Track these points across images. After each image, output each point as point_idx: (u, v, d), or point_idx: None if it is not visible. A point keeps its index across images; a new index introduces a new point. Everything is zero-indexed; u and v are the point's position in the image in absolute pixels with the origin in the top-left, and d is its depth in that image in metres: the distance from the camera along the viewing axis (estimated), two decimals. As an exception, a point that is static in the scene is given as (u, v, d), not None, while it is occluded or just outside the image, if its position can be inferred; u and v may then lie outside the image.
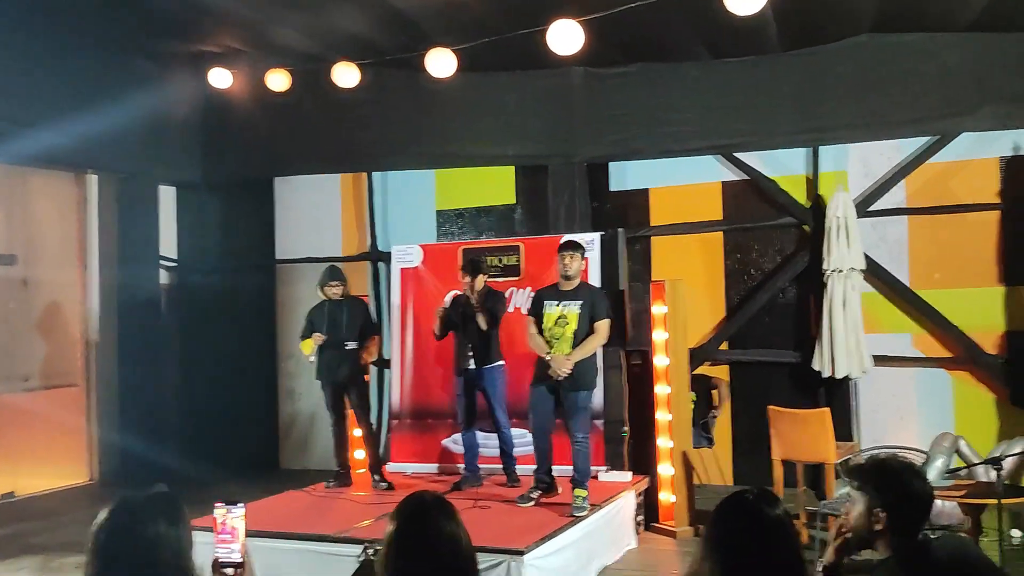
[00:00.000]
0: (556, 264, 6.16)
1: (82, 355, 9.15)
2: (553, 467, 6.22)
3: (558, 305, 6.04)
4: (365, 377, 7.25)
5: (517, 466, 6.74)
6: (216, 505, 2.39)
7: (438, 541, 2.12)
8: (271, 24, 7.91)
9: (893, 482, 2.53)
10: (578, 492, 5.83)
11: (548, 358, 5.90)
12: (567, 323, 5.97)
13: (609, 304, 6.08)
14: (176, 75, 9.30)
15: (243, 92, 8.60)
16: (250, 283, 9.79)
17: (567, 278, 6.07)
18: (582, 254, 6.14)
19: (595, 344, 5.95)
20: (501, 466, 6.76)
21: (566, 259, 6.05)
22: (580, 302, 5.99)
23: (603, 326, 5.94)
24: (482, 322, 6.50)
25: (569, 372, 5.82)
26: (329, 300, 6.98)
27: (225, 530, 2.36)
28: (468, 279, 6.58)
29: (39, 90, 7.89)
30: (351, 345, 6.93)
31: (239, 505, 2.38)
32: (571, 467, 5.97)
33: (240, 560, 2.34)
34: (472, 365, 6.63)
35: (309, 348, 6.93)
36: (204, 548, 2.36)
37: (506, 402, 6.68)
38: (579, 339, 5.91)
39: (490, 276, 7.00)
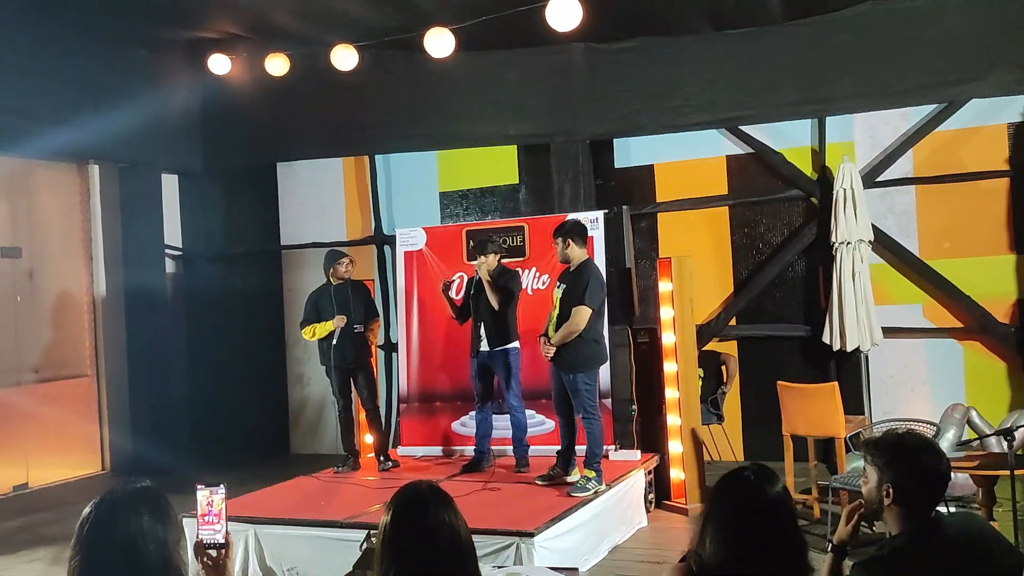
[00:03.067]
0: None
1: (90, 345, 9.18)
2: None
3: (558, 287, 6.07)
4: (371, 360, 7.24)
5: (530, 448, 6.69)
6: (198, 487, 2.40)
7: (435, 531, 2.11)
8: (269, 9, 7.85)
9: (903, 458, 2.52)
10: (584, 472, 5.82)
11: (542, 340, 6.00)
12: (555, 307, 5.99)
13: (593, 289, 5.84)
14: (175, 63, 9.26)
15: (242, 78, 8.55)
16: (256, 269, 9.78)
17: (564, 262, 6.09)
18: (572, 237, 5.97)
19: (567, 331, 5.81)
20: (511, 449, 6.73)
21: (556, 246, 6.09)
22: (564, 286, 5.96)
23: (576, 312, 5.80)
24: (492, 300, 6.44)
25: (550, 355, 5.88)
26: (333, 285, 6.95)
27: (206, 511, 2.35)
28: (480, 258, 6.55)
29: (40, 83, 7.86)
30: (359, 328, 6.92)
31: (220, 486, 2.38)
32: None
33: (223, 541, 2.34)
34: (485, 347, 6.58)
35: (325, 330, 6.88)
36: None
37: (520, 385, 6.63)
38: (561, 323, 5.88)
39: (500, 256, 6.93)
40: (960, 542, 2.47)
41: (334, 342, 6.86)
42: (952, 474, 5.52)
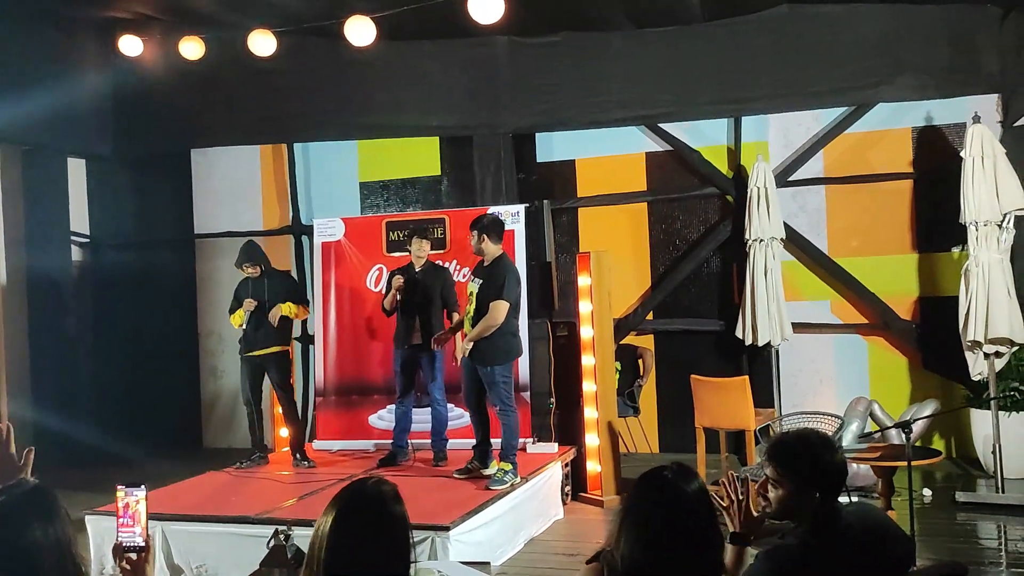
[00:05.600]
0: None
1: (-10, 334, 8.77)
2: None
3: (473, 281, 6.06)
4: (288, 352, 7.10)
5: (449, 443, 6.68)
6: (117, 488, 2.30)
7: (393, 527, 2.08)
8: (183, -11, 7.61)
9: (821, 465, 2.58)
10: (499, 465, 5.83)
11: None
12: (471, 302, 5.97)
13: (511, 284, 5.85)
14: (85, 43, 8.90)
15: (156, 61, 8.28)
16: (168, 259, 9.49)
17: (479, 255, 6.07)
18: (489, 233, 5.95)
19: (484, 325, 5.80)
20: (429, 442, 6.70)
21: (471, 239, 6.04)
22: (480, 281, 5.96)
23: (494, 307, 5.79)
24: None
25: (467, 352, 5.85)
26: (250, 278, 6.82)
27: (127, 514, 2.27)
28: (418, 243, 6.56)
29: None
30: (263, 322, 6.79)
31: (140, 487, 2.29)
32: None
33: (143, 544, 2.26)
34: (419, 341, 6.53)
35: (239, 320, 6.79)
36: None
37: (444, 379, 6.61)
38: (478, 318, 5.87)
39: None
40: (858, 531, 2.55)
41: (244, 328, 6.73)
42: (855, 465, 5.75)
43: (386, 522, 2.08)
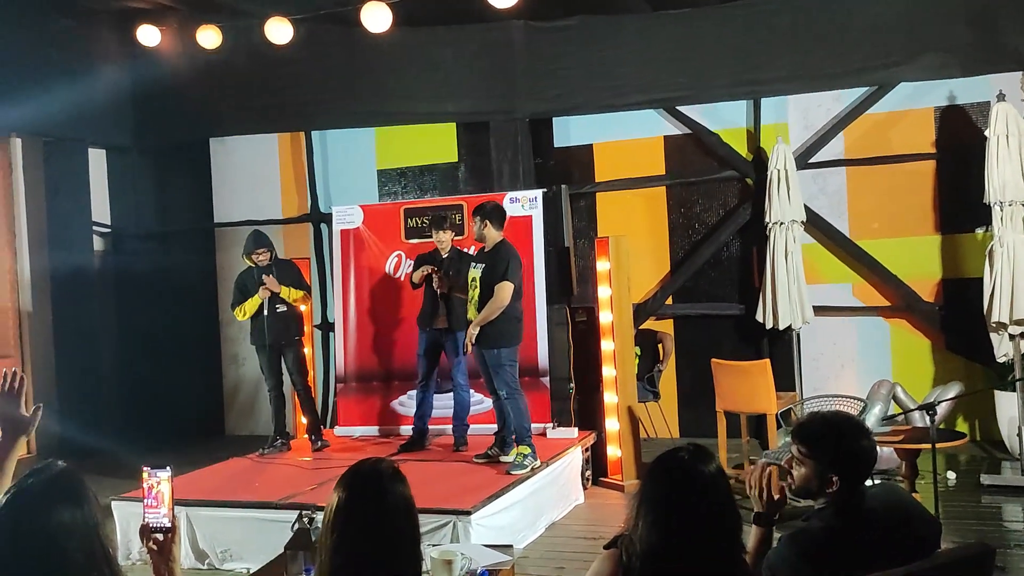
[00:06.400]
0: None
1: (15, 326, 8.85)
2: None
3: (474, 267, 6.06)
4: (302, 339, 7.14)
5: (470, 428, 6.71)
6: (143, 470, 2.35)
7: (393, 507, 2.09)
8: (199, -22, 7.63)
9: (844, 448, 2.55)
10: (518, 449, 5.83)
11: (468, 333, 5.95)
12: (476, 287, 5.96)
13: (514, 267, 5.86)
14: (103, 34, 8.95)
15: (174, 51, 8.32)
16: (188, 247, 9.56)
17: (480, 241, 6.09)
18: (491, 219, 5.96)
19: (492, 308, 5.79)
20: (451, 427, 6.72)
21: (473, 224, 6.09)
22: (483, 265, 5.95)
23: (499, 289, 5.79)
24: (440, 284, 6.47)
25: (473, 339, 5.84)
26: (257, 266, 6.83)
27: (152, 495, 2.32)
28: (438, 234, 6.58)
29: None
30: (282, 308, 6.82)
31: (165, 469, 2.34)
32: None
33: (169, 524, 2.29)
34: (445, 324, 6.55)
35: (252, 310, 6.78)
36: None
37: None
38: (483, 303, 5.87)
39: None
40: (883, 513, 2.53)
41: (264, 317, 6.74)
42: (878, 448, 5.71)
43: (388, 500, 2.09)
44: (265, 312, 6.76)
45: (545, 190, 7.47)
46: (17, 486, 1.99)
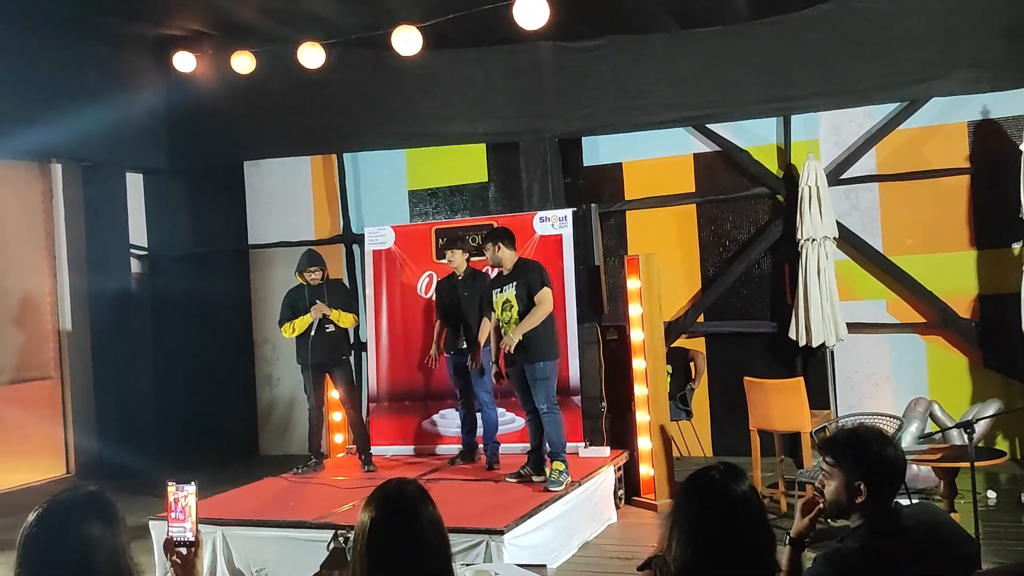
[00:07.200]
0: None
1: (55, 347, 9.04)
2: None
3: (501, 291, 6.09)
4: (349, 358, 7.20)
5: (500, 446, 6.74)
6: (168, 484, 2.37)
7: (423, 529, 2.11)
8: (235, 6, 7.78)
9: (869, 454, 2.54)
10: (553, 465, 5.83)
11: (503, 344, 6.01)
12: (512, 306, 6.00)
13: (545, 274, 6.01)
14: (139, 60, 9.15)
15: (208, 76, 8.49)
16: (223, 269, 9.69)
17: (496, 266, 6.18)
18: (503, 241, 6.06)
19: (539, 314, 5.88)
20: (482, 447, 6.76)
21: (486, 252, 6.17)
22: (515, 282, 6.01)
23: (542, 296, 5.91)
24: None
25: (516, 343, 5.86)
26: (309, 284, 6.90)
27: (177, 508, 2.34)
28: (448, 253, 6.68)
29: (0, 80, 7.72)
30: (330, 328, 6.87)
31: (190, 483, 2.36)
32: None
33: (193, 539, 2.31)
34: (464, 345, 6.65)
35: (304, 325, 6.80)
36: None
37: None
38: (523, 319, 5.92)
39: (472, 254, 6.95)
40: (919, 532, 2.51)
41: (311, 336, 6.78)
42: (915, 466, 5.63)
43: (417, 520, 2.10)
44: (313, 332, 6.80)
45: (575, 209, 7.49)
46: (49, 501, 2.04)
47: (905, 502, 2.62)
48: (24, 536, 1.98)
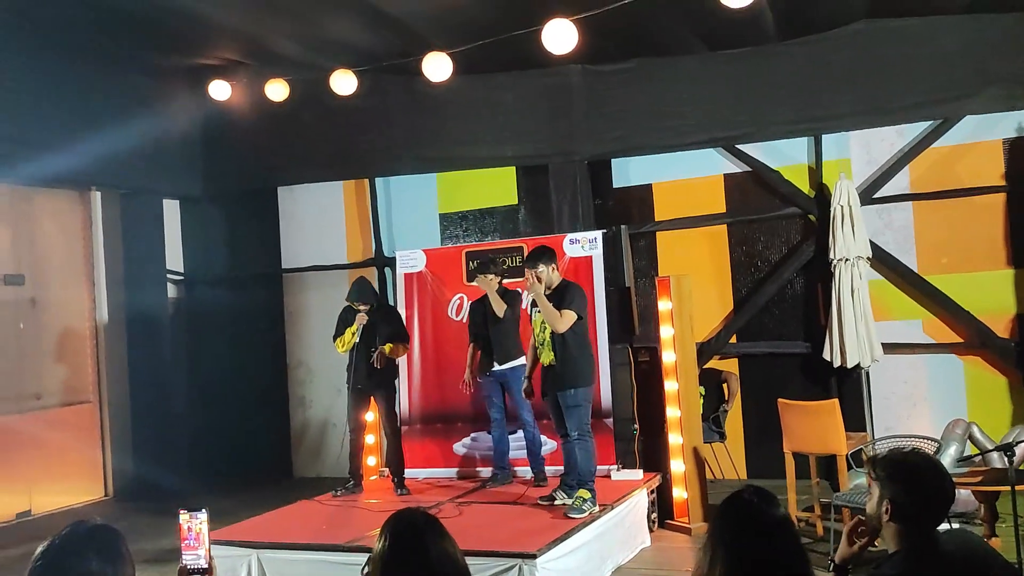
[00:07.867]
0: None
1: (93, 371, 9.19)
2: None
3: (538, 311, 6.05)
4: (395, 383, 7.22)
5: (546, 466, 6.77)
6: (179, 512, 2.38)
7: (434, 560, 2.11)
8: (268, 35, 7.92)
9: (904, 475, 2.51)
10: (579, 493, 5.78)
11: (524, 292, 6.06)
12: (545, 328, 5.98)
13: (580, 297, 5.90)
14: (175, 89, 9.34)
15: (242, 103, 8.62)
16: (257, 293, 9.82)
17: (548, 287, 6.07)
18: (555, 261, 6.04)
19: (553, 316, 5.78)
20: (529, 466, 6.79)
21: (540, 273, 5.98)
22: (553, 303, 5.96)
23: (564, 314, 5.81)
24: (499, 310, 6.58)
25: (536, 283, 5.83)
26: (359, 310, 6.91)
27: (190, 536, 2.35)
28: (479, 277, 6.73)
29: (41, 110, 7.92)
30: (373, 350, 6.90)
31: (202, 511, 2.37)
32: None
33: (206, 566, 2.33)
34: (496, 366, 6.68)
35: (348, 343, 6.85)
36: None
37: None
38: (554, 343, 5.86)
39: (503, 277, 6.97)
40: (957, 560, 2.47)
41: (353, 360, 6.84)
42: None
43: (421, 554, 2.10)
44: (356, 353, 6.84)
45: (605, 231, 7.51)
46: (56, 535, 2.06)
47: (944, 527, 2.58)
48: (29, 571, 2.00)
